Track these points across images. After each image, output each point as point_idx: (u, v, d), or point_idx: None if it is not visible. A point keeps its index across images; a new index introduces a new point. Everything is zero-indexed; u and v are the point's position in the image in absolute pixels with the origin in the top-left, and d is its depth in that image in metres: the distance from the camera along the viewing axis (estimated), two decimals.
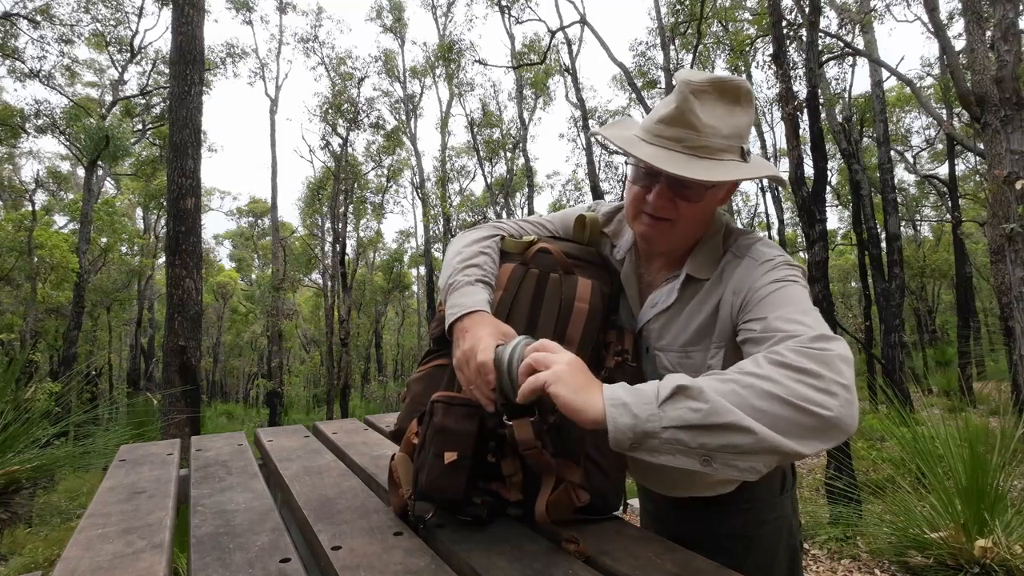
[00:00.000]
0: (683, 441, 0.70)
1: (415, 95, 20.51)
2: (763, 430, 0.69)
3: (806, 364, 0.72)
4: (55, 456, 2.86)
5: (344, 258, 16.97)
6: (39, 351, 14.71)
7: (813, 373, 0.72)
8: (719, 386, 0.72)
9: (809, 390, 0.71)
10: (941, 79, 13.25)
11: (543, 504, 0.88)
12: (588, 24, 13.71)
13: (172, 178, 5.60)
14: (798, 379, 0.71)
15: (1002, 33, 4.57)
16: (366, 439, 1.59)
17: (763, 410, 0.70)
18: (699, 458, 0.71)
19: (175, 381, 5.09)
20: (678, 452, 0.71)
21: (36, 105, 14.14)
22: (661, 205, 0.94)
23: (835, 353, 0.74)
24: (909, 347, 13.19)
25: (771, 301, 0.87)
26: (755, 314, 0.87)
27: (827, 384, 0.71)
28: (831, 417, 0.70)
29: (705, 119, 0.89)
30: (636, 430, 0.71)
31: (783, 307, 0.85)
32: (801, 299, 0.87)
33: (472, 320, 0.92)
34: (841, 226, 23.49)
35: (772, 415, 0.70)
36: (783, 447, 0.69)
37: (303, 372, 26.18)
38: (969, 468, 2.45)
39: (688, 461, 0.72)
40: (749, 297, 0.90)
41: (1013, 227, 4.27)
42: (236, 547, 0.88)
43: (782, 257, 0.94)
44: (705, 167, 0.89)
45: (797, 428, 0.70)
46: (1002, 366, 9.54)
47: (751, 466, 0.71)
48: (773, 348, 0.77)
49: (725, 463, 0.71)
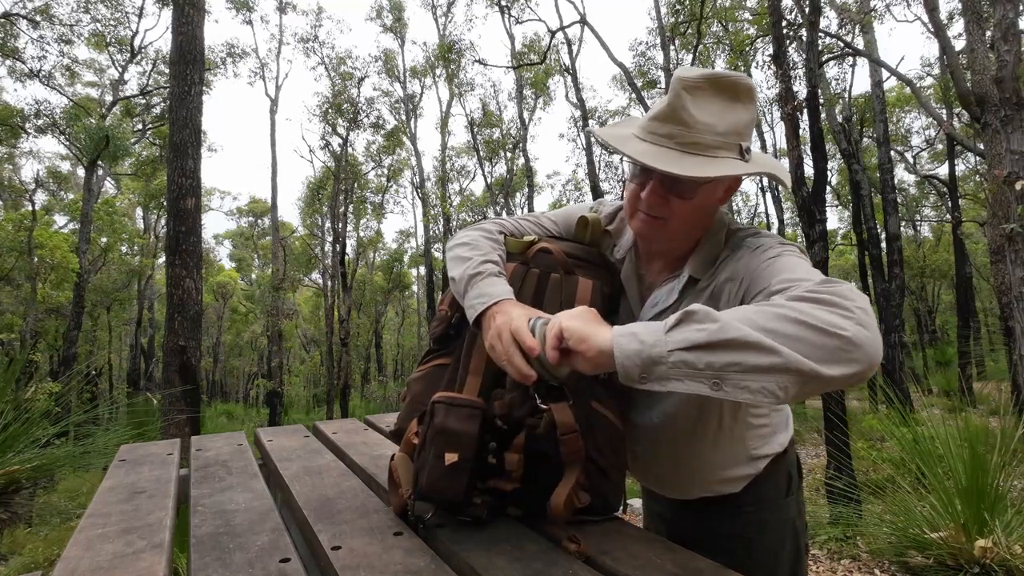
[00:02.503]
0: (690, 363, 0.68)
1: (415, 95, 20.53)
2: (776, 345, 0.66)
3: (821, 295, 0.71)
4: (55, 456, 2.86)
5: (344, 258, 16.97)
6: (39, 351, 14.71)
7: (827, 301, 0.70)
8: (730, 312, 0.71)
9: (824, 312, 0.68)
10: (941, 79, 13.25)
11: (562, 497, 0.88)
12: (588, 24, 13.71)
13: (172, 178, 5.60)
14: (813, 306, 0.69)
15: (1002, 33, 4.57)
16: (366, 439, 1.59)
17: (776, 331, 0.67)
18: (708, 381, 0.68)
19: (175, 381, 5.09)
20: (686, 377, 0.69)
21: (36, 105, 14.14)
22: (653, 202, 0.94)
23: (846, 287, 0.72)
24: (909, 347, 13.19)
25: (772, 270, 0.85)
26: (757, 287, 0.86)
27: (843, 309, 0.69)
28: (851, 337, 0.66)
29: (698, 115, 0.88)
30: (643, 355, 0.70)
31: (784, 272, 0.83)
32: (801, 264, 0.85)
33: (501, 305, 0.91)
34: (841, 226, 23.50)
35: (786, 335, 0.67)
36: (802, 366, 0.65)
37: (303, 372, 26.19)
38: (969, 468, 2.45)
39: (697, 386, 0.69)
40: (749, 279, 0.89)
41: (1013, 227, 4.27)
42: (236, 547, 0.88)
43: (776, 239, 0.94)
44: (695, 163, 0.87)
45: (816, 349, 0.66)
46: (1002, 366, 9.54)
47: (764, 387, 0.67)
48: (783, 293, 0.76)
49: (735, 384, 0.68)
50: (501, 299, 0.92)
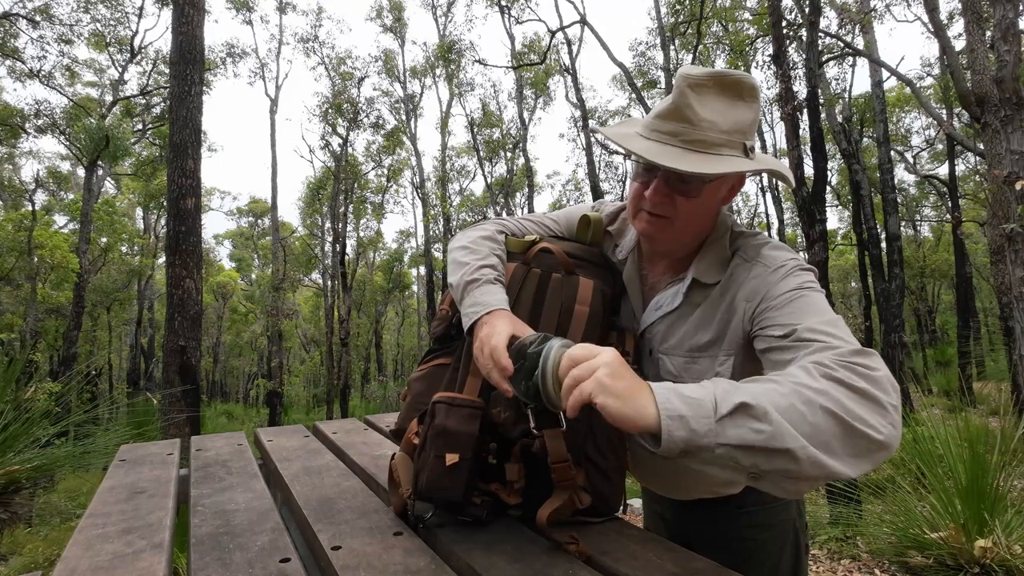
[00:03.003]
0: (737, 459, 0.67)
1: (415, 95, 20.53)
2: (820, 456, 0.65)
3: (859, 383, 0.70)
4: (55, 456, 2.86)
5: (344, 258, 16.97)
6: (39, 351, 14.71)
7: (868, 394, 0.69)
8: (779, 401, 0.67)
9: (865, 411, 0.68)
10: (941, 79, 13.25)
11: (546, 514, 0.88)
12: (588, 24, 13.71)
13: (172, 178, 5.61)
14: (853, 398, 0.69)
15: (1002, 33, 4.57)
16: (366, 439, 1.59)
17: (821, 428, 0.66)
18: (746, 474, 0.69)
19: (175, 381, 5.10)
20: (728, 467, 0.69)
21: (36, 105, 14.15)
22: (658, 201, 0.93)
23: (883, 374, 0.72)
24: (909, 347, 13.18)
25: (795, 309, 0.84)
26: (778, 321, 0.84)
27: (881, 407, 0.69)
28: (882, 440, 0.67)
29: (702, 113, 0.87)
30: (690, 444, 0.66)
31: (809, 315, 0.82)
32: (825, 307, 0.85)
33: (492, 316, 0.91)
34: (841, 226, 23.49)
35: (827, 434, 0.66)
36: (833, 469, 0.66)
37: (303, 372, 26.17)
38: (969, 468, 2.45)
39: (734, 475, 0.70)
40: (767, 304, 0.88)
41: (1013, 227, 4.27)
42: (236, 547, 0.88)
43: (794, 261, 0.91)
44: (701, 161, 0.86)
45: (850, 449, 0.67)
46: (1002, 366, 9.53)
47: (798, 488, 0.69)
48: (816, 359, 0.74)
49: (774, 482, 0.69)
50: (492, 309, 0.92)
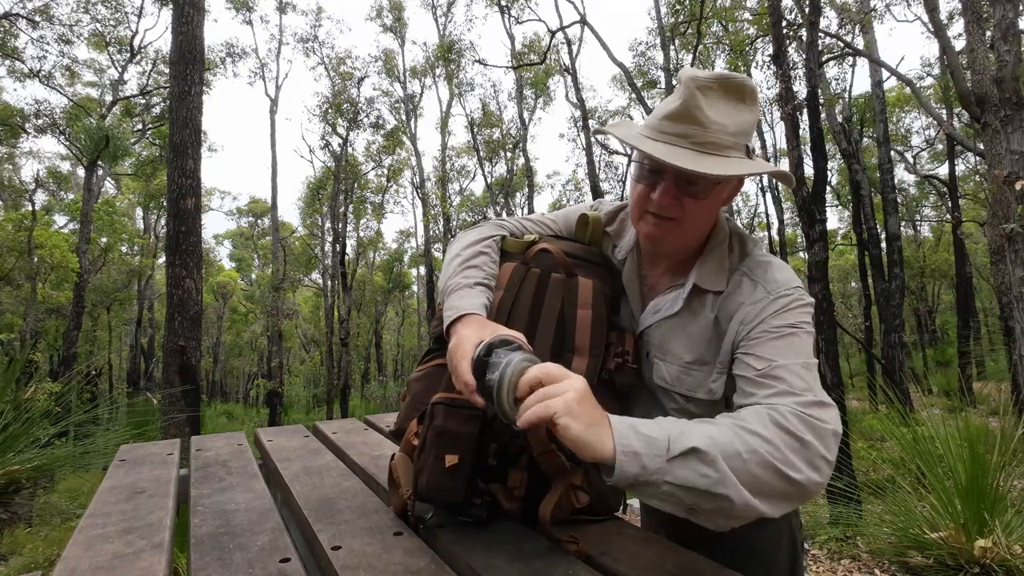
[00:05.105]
0: (679, 498, 0.72)
1: (415, 95, 20.53)
2: (752, 501, 0.71)
3: (805, 435, 0.75)
4: (55, 456, 2.86)
5: (344, 258, 16.96)
6: (39, 351, 14.71)
7: (809, 446, 0.74)
8: (727, 448, 0.72)
9: (801, 461, 0.73)
10: (941, 79, 13.25)
11: (548, 508, 0.88)
12: (588, 24, 13.71)
13: (172, 178, 5.61)
14: (795, 447, 0.74)
15: (1002, 33, 4.57)
16: (366, 439, 1.59)
17: (759, 478, 0.72)
18: (685, 509, 0.74)
19: (175, 381, 5.10)
20: (668, 502, 0.73)
21: (36, 105, 14.15)
22: (667, 203, 0.92)
23: (831, 428, 0.77)
24: (909, 347, 13.18)
25: (779, 345, 0.86)
26: (757, 352, 0.87)
27: (817, 460, 0.74)
28: (808, 488, 0.74)
29: (712, 115, 0.87)
30: (639, 479, 0.71)
31: (787, 356, 0.84)
32: (807, 351, 0.87)
33: (462, 323, 0.91)
34: (841, 226, 23.49)
35: (762, 482, 0.72)
36: (759, 510, 0.72)
37: (303, 372, 26.18)
38: (969, 468, 2.45)
39: (673, 508, 0.74)
40: (757, 333, 0.89)
41: (1013, 227, 4.27)
42: (236, 547, 0.88)
43: (797, 291, 0.92)
44: (714, 163, 0.86)
45: (778, 494, 0.73)
46: (1002, 366, 9.53)
47: (728, 524, 0.74)
48: (774, 404, 0.79)
49: (707, 518, 0.74)
50: (463, 313, 0.92)
